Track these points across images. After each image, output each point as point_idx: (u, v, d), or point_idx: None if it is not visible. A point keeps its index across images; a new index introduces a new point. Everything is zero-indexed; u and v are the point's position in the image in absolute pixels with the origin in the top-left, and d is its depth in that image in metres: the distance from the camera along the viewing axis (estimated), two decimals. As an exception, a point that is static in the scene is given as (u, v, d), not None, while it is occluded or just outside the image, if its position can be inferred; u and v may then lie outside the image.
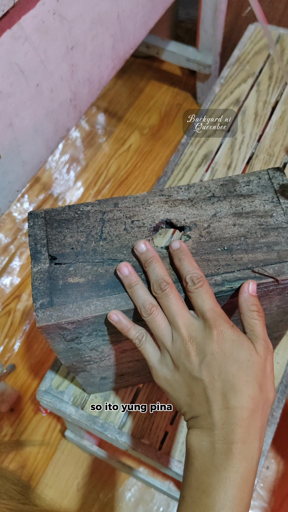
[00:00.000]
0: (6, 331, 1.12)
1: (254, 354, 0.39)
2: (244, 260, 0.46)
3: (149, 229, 0.47)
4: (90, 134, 1.47)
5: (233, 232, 0.47)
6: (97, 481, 0.95)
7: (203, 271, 0.45)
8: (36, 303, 0.44)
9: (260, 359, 0.39)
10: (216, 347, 0.38)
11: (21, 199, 1.33)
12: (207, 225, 0.47)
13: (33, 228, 0.47)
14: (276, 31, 0.98)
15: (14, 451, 0.99)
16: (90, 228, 0.47)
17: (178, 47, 1.38)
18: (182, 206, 0.48)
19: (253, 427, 0.37)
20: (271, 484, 0.93)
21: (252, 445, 0.37)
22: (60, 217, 0.48)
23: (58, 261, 0.46)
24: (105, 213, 0.48)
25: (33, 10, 0.57)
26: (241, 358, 0.38)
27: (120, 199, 0.49)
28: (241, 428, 0.36)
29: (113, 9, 0.74)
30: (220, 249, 0.46)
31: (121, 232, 0.47)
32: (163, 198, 0.48)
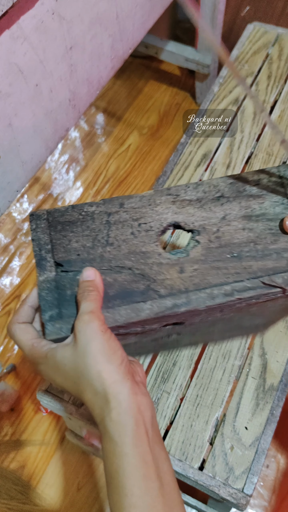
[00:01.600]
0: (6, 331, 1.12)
1: (63, 356, 0.40)
2: (253, 268, 0.44)
3: (156, 233, 0.45)
4: (89, 134, 1.47)
5: (243, 237, 0.45)
6: (98, 480, 0.95)
7: (212, 279, 0.44)
8: (44, 315, 0.42)
9: (70, 350, 0.41)
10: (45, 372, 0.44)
11: (20, 199, 1.33)
12: (216, 229, 0.45)
13: (36, 232, 0.45)
14: (275, 31, 0.98)
15: (15, 451, 0.99)
16: (95, 231, 0.45)
17: (177, 47, 1.38)
18: (190, 208, 0.46)
19: (96, 408, 0.39)
20: (271, 483, 0.93)
21: (103, 421, 0.38)
22: (64, 218, 0.45)
23: (64, 269, 0.44)
24: (110, 215, 0.46)
25: (32, 10, 0.57)
26: (55, 371, 0.41)
27: (126, 198, 0.46)
28: (94, 415, 0.39)
29: (111, 9, 0.74)
30: (229, 256, 0.45)
31: (128, 237, 0.45)
32: (170, 198, 0.46)
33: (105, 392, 0.37)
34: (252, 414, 0.59)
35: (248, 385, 0.60)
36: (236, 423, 0.58)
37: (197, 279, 0.44)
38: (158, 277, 0.44)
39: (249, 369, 0.61)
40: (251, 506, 0.91)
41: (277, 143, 0.82)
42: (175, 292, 0.44)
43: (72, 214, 0.45)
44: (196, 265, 0.45)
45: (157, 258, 0.45)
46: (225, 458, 0.56)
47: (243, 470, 0.55)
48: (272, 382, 0.60)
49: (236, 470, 0.55)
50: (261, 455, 0.56)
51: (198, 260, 0.45)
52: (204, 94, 1.46)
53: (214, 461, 0.56)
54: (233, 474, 0.55)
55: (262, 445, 0.57)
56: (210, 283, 0.44)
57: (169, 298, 0.44)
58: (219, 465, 0.56)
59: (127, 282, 0.44)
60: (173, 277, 0.44)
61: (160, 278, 0.44)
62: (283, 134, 0.46)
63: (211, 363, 0.62)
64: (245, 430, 0.58)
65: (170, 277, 0.44)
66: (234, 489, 0.54)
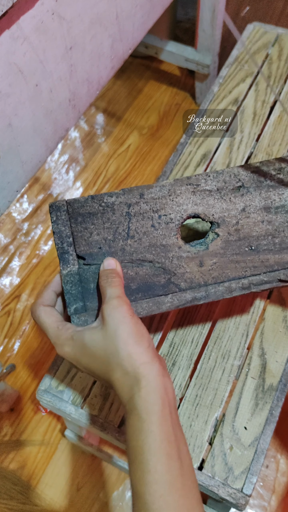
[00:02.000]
0: (6, 331, 1.12)
1: (91, 338, 0.42)
2: (270, 262, 0.44)
3: (176, 225, 0.45)
4: (89, 134, 1.47)
5: (261, 229, 0.45)
6: (97, 480, 0.95)
7: (231, 273, 0.44)
8: (70, 307, 0.43)
9: (99, 332, 0.42)
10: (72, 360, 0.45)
11: (20, 199, 1.33)
12: (236, 221, 0.45)
13: (57, 224, 0.44)
14: (275, 31, 0.98)
15: (14, 451, 0.99)
16: (116, 223, 0.45)
17: (176, 47, 1.38)
18: (211, 198, 0.46)
19: (125, 386, 0.40)
20: (270, 483, 0.93)
21: (131, 398, 0.40)
22: (84, 210, 0.45)
23: (87, 262, 0.44)
24: (130, 206, 0.45)
25: (32, 10, 0.57)
26: (76, 355, 0.43)
27: (145, 188, 0.46)
28: (121, 395, 0.41)
29: (111, 9, 0.74)
30: (247, 249, 0.45)
31: (149, 229, 0.45)
32: (190, 188, 0.46)
33: (135, 372, 0.39)
34: (251, 414, 0.59)
35: (247, 385, 0.60)
36: (235, 423, 0.58)
37: (216, 272, 0.45)
38: (178, 271, 0.45)
39: (248, 369, 0.61)
40: (250, 506, 0.91)
41: (277, 143, 0.82)
42: (195, 285, 0.45)
43: (92, 205, 0.45)
44: (215, 258, 0.45)
45: (177, 251, 0.45)
46: (224, 458, 0.56)
47: (242, 470, 0.55)
48: (272, 382, 0.60)
49: (235, 470, 0.55)
50: (261, 455, 0.56)
51: (217, 253, 0.45)
52: (204, 94, 1.46)
53: (214, 461, 0.56)
54: (232, 474, 0.55)
55: (261, 445, 0.57)
56: (228, 276, 0.45)
57: (189, 291, 0.45)
58: (218, 465, 0.56)
59: (148, 276, 0.44)
60: (193, 271, 0.45)
61: (180, 272, 0.45)
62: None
63: (210, 363, 0.62)
64: (245, 430, 0.58)
65: (190, 270, 0.45)
66: (233, 489, 0.54)
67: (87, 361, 0.42)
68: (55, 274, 1.20)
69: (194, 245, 0.45)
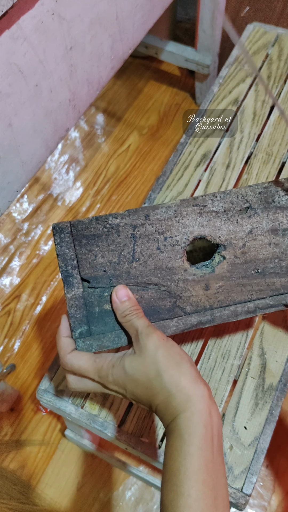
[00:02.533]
0: (6, 331, 1.12)
1: (133, 365, 0.42)
2: (276, 285, 0.44)
3: (182, 248, 0.44)
4: (89, 134, 1.47)
5: (268, 252, 0.45)
6: (97, 480, 0.95)
7: (236, 296, 0.44)
8: (75, 332, 0.43)
9: (139, 359, 0.42)
10: (109, 384, 0.45)
11: (20, 199, 1.33)
12: (243, 244, 0.45)
13: (61, 246, 0.44)
14: (275, 31, 0.98)
15: (14, 451, 0.99)
16: (121, 246, 0.44)
17: (176, 47, 1.38)
18: (217, 220, 0.45)
19: (170, 408, 0.40)
20: (270, 483, 0.93)
21: (175, 419, 0.40)
22: (88, 232, 0.44)
23: (91, 285, 0.43)
24: (136, 228, 0.44)
25: (32, 11, 0.57)
26: (128, 378, 0.42)
27: (151, 209, 0.45)
28: (164, 416, 0.41)
29: (111, 10, 0.74)
30: (254, 272, 0.45)
31: (154, 252, 0.44)
32: (197, 209, 0.45)
33: (180, 392, 0.39)
34: (251, 413, 0.59)
35: (247, 385, 0.61)
36: (235, 423, 0.58)
37: (222, 296, 0.45)
38: (184, 294, 0.44)
39: (248, 368, 0.62)
40: (250, 506, 0.91)
41: (277, 143, 0.83)
42: (200, 309, 0.44)
43: (96, 227, 0.44)
44: (221, 281, 0.45)
45: (183, 274, 0.45)
46: (224, 457, 0.56)
47: (242, 469, 0.55)
48: (271, 382, 0.61)
49: (235, 470, 0.56)
50: (260, 454, 0.56)
51: (224, 276, 0.45)
52: (204, 94, 1.46)
53: (214, 460, 0.56)
54: (232, 473, 0.55)
55: (261, 444, 0.57)
56: (234, 300, 0.45)
57: (194, 315, 0.45)
58: (218, 465, 0.56)
59: (153, 300, 0.44)
60: (198, 294, 0.45)
61: (186, 295, 0.44)
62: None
63: (210, 362, 0.62)
64: (244, 429, 0.58)
65: (195, 294, 0.45)
66: (233, 489, 0.54)
67: (132, 388, 0.42)
68: (55, 274, 1.20)
69: (200, 267, 0.45)
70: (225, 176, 0.79)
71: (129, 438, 0.59)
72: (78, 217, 1.30)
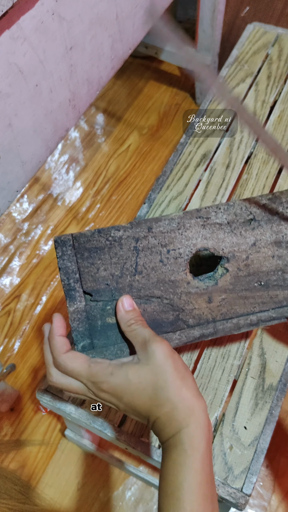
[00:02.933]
0: (6, 331, 1.12)
1: (140, 374, 0.41)
2: (279, 298, 0.44)
3: (185, 260, 0.44)
4: (89, 134, 1.47)
5: (271, 265, 0.44)
6: (97, 480, 0.95)
7: (239, 309, 0.44)
8: (77, 345, 0.43)
9: (146, 368, 0.41)
10: (101, 393, 0.42)
11: (20, 199, 1.33)
12: (246, 256, 0.45)
13: (63, 259, 0.43)
14: (275, 31, 0.98)
15: (14, 451, 0.99)
16: (124, 259, 0.43)
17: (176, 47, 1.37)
18: (221, 232, 0.44)
19: (173, 421, 0.40)
20: (270, 483, 0.93)
21: (177, 434, 0.39)
22: (91, 244, 0.43)
23: (94, 298, 0.43)
24: (138, 240, 0.44)
25: (32, 11, 0.57)
26: (133, 388, 0.41)
27: (154, 221, 0.44)
28: (164, 431, 0.40)
29: (111, 10, 0.74)
30: (256, 284, 0.44)
31: (157, 264, 0.44)
32: (200, 221, 0.44)
33: (185, 406, 0.39)
34: (251, 413, 0.59)
35: (247, 384, 0.61)
36: (235, 423, 0.58)
37: (225, 308, 0.45)
38: (186, 307, 0.44)
39: (248, 368, 0.62)
40: (250, 506, 0.91)
41: (277, 143, 0.83)
42: (203, 322, 0.44)
43: (99, 240, 0.43)
44: (224, 294, 0.44)
45: (186, 287, 0.44)
46: (224, 457, 0.56)
47: (242, 469, 0.55)
48: (271, 381, 0.61)
49: (235, 470, 0.56)
50: (260, 454, 0.56)
51: (226, 289, 0.45)
52: (204, 94, 1.46)
53: (214, 460, 0.56)
54: (232, 473, 0.55)
55: (261, 444, 0.57)
56: (237, 312, 0.44)
57: (197, 328, 0.44)
58: (218, 465, 0.56)
59: (156, 313, 0.44)
60: (201, 307, 0.44)
61: (188, 308, 0.44)
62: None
63: (210, 362, 0.62)
64: (244, 429, 0.58)
65: (198, 306, 0.44)
66: (233, 489, 0.54)
67: (129, 398, 0.41)
68: (55, 274, 1.20)
69: (203, 280, 0.45)
70: (225, 176, 0.79)
71: (129, 438, 0.59)
72: (78, 217, 1.30)
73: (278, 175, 0.79)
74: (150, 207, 0.76)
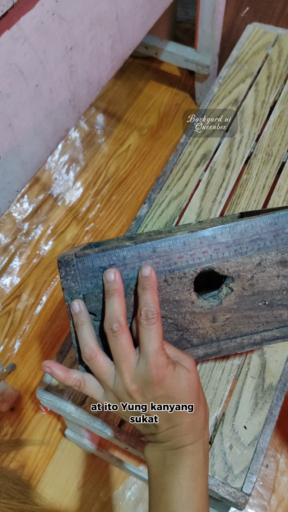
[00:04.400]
0: (6, 331, 1.12)
1: (190, 377, 0.42)
2: (283, 317, 0.44)
3: (190, 280, 0.44)
4: (89, 134, 1.47)
5: (276, 284, 0.44)
6: (97, 480, 0.95)
7: (243, 328, 0.44)
8: (81, 365, 0.44)
9: (194, 374, 0.42)
10: (157, 389, 0.40)
11: (20, 199, 1.33)
12: (251, 276, 0.44)
13: (66, 280, 0.43)
14: (274, 31, 0.98)
15: (15, 451, 0.99)
16: (128, 279, 0.43)
17: (176, 48, 1.38)
18: (226, 252, 0.44)
19: (196, 430, 0.41)
20: (270, 483, 0.93)
21: (197, 442, 0.41)
22: (94, 264, 0.43)
23: (97, 319, 0.43)
24: (143, 260, 0.44)
25: (32, 11, 0.57)
26: (181, 389, 0.41)
27: (158, 243, 0.44)
28: (185, 436, 0.41)
29: (111, 10, 0.74)
30: (261, 304, 0.44)
31: (161, 284, 0.44)
32: (205, 240, 0.44)
33: (205, 417, 0.43)
34: (251, 413, 0.59)
35: (247, 384, 0.61)
36: (235, 422, 0.58)
37: (229, 328, 0.45)
38: (191, 327, 0.44)
39: (248, 368, 0.62)
40: (250, 506, 0.91)
41: (277, 143, 0.83)
42: (207, 341, 0.45)
43: (102, 260, 0.43)
44: (229, 313, 0.45)
45: (190, 306, 0.44)
46: (224, 457, 0.56)
47: (242, 469, 0.56)
48: (271, 381, 0.61)
49: (235, 469, 0.56)
50: (260, 454, 0.56)
51: (231, 308, 0.45)
52: (203, 95, 1.46)
53: (213, 460, 0.56)
54: (232, 473, 0.55)
55: (261, 444, 0.57)
56: (241, 332, 0.45)
57: (201, 347, 0.45)
58: (218, 464, 0.56)
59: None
60: (205, 326, 0.45)
61: (193, 328, 0.45)
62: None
63: (210, 362, 0.62)
64: (244, 429, 0.58)
65: (202, 326, 0.45)
66: (233, 488, 0.54)
67: (178, 397, 0.41)
68: (55, 274, 1.20)
69: (207, 298, 0.45)
70: (225, 176, 0.79)
71: (129, 437, 0.59)
72: (78, 217, 1.30)
73: (278, 175, 0.79)
74: (150, 207, 0.76)
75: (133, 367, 0.41)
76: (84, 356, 0.42)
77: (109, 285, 0.42)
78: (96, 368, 0.42)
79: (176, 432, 0.41)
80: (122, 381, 0.41)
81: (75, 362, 0.64)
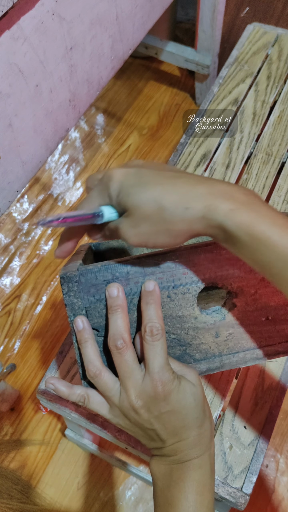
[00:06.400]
0: (6, 331, 1.12)
1: (196, 391, 0.42)
2: (286, 332, 0.44)
3: (193, 295, 0.43)
4: (89, 134, 1.47)
5: (279, 299, 0.44)
6: (97, 480, 0.95)
7: (246, 343, 0.44)
8: (84, 380, 0.44)
9: (199, 388, 0.42)
10: (164, 405, 0.40)
11: (20, 199, 1.33)
12: (254, 291, 0.44)
13: (69, 296, 0.43)
14: (274, 31, 0.98)
15: (15, 451, 0.99)
16: (131, 294, 0.43)
17: (176, 48, 1.38)
18: (230, 268, 0.44)
19: (202, 443, 0.41)
20: (270, 483, 0.93)
21: (203, 456, 0.41)
22: (97, 281, 0.43)
23: (100, 334, 0.43)
24: (146, 276, 0.43)
25: (32, 11, 0.57)
26: (188, 403, 0.41)
27: (161, 258, 0.43)
28: (192, 450, 0.41)
29: (111, 10, 0.74)
30: (264, 319, 0.44)
31: (165, 300, 0.43)
32: (209, 256, 0.43)
33: (211, 430, 0.43)
34: (251, 413, 0.59)
35: (247, 384, 0.61)
36: (235, 422, 0.58)
37: (231, 343, 0.45)
38: (194, 342, 0.45)
39: (248, 368, 0.62)
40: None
41: (277, 143, 0.83)
42: (210, 356, 0.45)
43: (105, 275, 0.43)
44: (232, 329, 0.45)
45: (193, 322, 0.44)
46: (224, 457, 0.56)
47: (242, 469, 0.56)
48: (271, 381, 0.61)
49: (235, 469, 0.56)
50: (260, 454, 0.56)
51: (234, 324, 0.45)
52: (203, 95, 1.46)
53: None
54: (232, 473, 0.55)
55: (261, 444, 0.57)
56: (244, 347, 0.45)
57: (203, 362, 0.45)
58: (218, 464, 0.56)
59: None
60: (208, 342, 0.45)
61: (195, 343, 0.45)
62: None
63: (210, 362, 0.62)
64: (244, 429, 0.58)
65: (205, 341, 0.45)
66: (233, 488, 0.54)
67: (185, 412, 0.41)
68: (55, 274, 1.20)
69: (210, 313, 0.45)
70: (225, 176, 0.79)
71: (129, 437, 0.59)
72: (78, 217, 1.30)
73: (277, 175, 0.79)
74: (150, 207, 0.76)
75: (139, 384, 0.40)
76: (89, 374, 0.42)
77: (112, 300, 0.41)
78: (101, 386, 0.42)
79: (182, 446, 0.41)
80: (128, 398, 0.41)
81: (75, 362, 0.64)
